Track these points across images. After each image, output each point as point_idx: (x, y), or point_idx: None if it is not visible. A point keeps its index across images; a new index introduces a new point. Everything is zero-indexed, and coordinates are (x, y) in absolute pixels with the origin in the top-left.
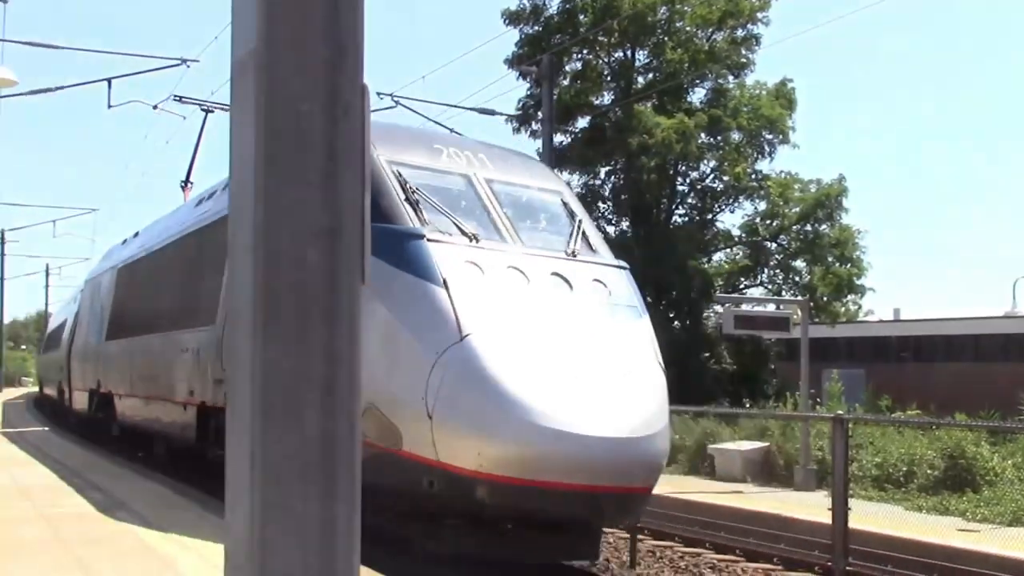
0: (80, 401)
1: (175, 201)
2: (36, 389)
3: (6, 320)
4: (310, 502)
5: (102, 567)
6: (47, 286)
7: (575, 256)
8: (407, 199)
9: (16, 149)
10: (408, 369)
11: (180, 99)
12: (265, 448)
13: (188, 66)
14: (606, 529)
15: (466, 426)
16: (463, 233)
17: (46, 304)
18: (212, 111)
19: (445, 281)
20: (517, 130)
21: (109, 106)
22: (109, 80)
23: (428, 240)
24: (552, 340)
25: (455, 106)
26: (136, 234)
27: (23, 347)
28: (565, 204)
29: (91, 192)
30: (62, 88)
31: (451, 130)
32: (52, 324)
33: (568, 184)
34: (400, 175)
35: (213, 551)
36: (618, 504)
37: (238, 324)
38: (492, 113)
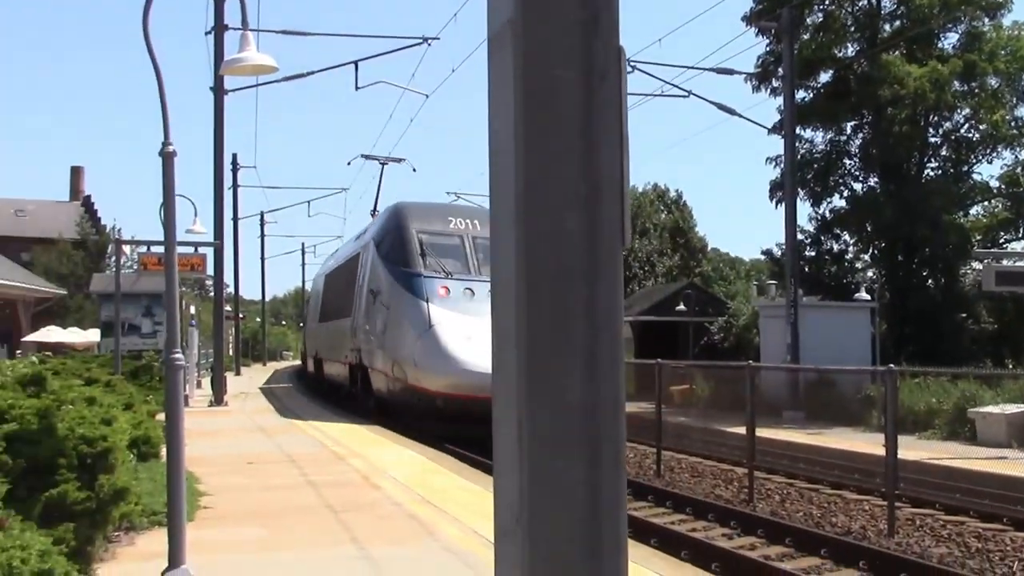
0: (310, 365)
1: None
2: (296, 362)
3: (267, 297)
4: (575, 469)
5: (365, 531)
6: (303, 264)
7: None
8: (420, 252)
9: (271, 131)
10: (407, 343)
11: (366, 157)
12: (532, 416)
13: (429, 44)
14: (863, 496)
15: (430, 370)
16: (444, 271)
17: (302, 281)
18: (387, 164)
19: (427, 298)
20: (756, 88)
21: (357, 87)
22: (356, 63)
23: (423, 276)
24: (475, 325)
25: (692, 67)
26: (336, 250)
27: (283, 323)
28: None
29: (341, 172)
30: (313, 73)
31: (688, 92)
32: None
33: None
34: (420, 239)
35: (471, 515)
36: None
37: (500, 295)
38: (730, 73)
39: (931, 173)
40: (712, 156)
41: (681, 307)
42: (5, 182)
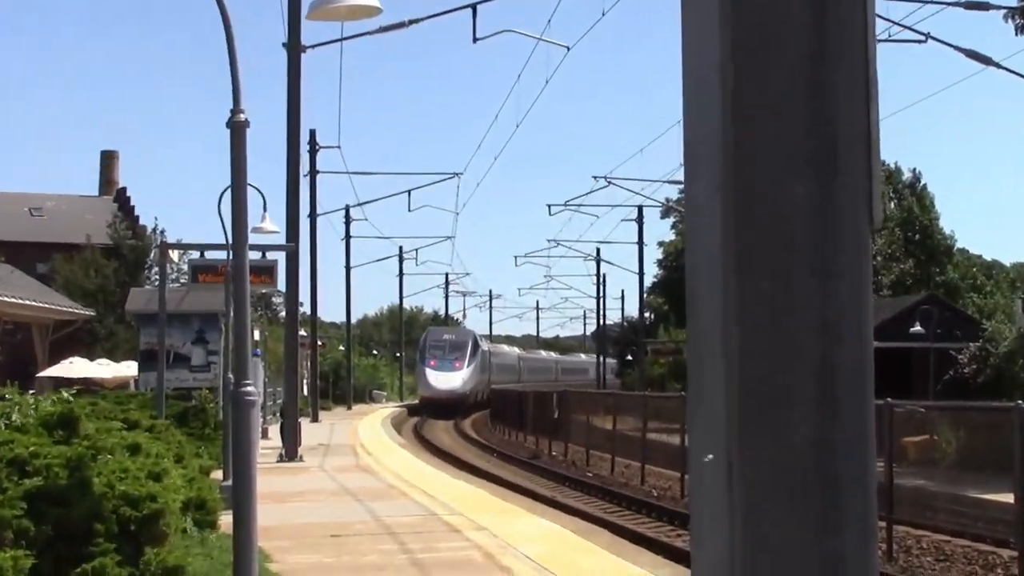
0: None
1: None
2: (396, 406)
3: (354, 318)
4: (806, 533)
5: None
6: (401, 273)
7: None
8: (424, 350)
9: (359, 102)
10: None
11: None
12: (744, 456)
13: None
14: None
15: (420, 387)
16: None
17: (400, 297)
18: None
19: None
20: (1021, 29)
21: (475, 39)
22: (474, 6)
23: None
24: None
25: (940, 2)
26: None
27: (374, 352)
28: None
29: (450, 152)
30: (416, 21)
31: (925, 36)
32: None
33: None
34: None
35: None
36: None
37: (699, 292)
38: (985, 7)
39: None
40: (959, 123)
41: (917, 328)
42: (19, 174)
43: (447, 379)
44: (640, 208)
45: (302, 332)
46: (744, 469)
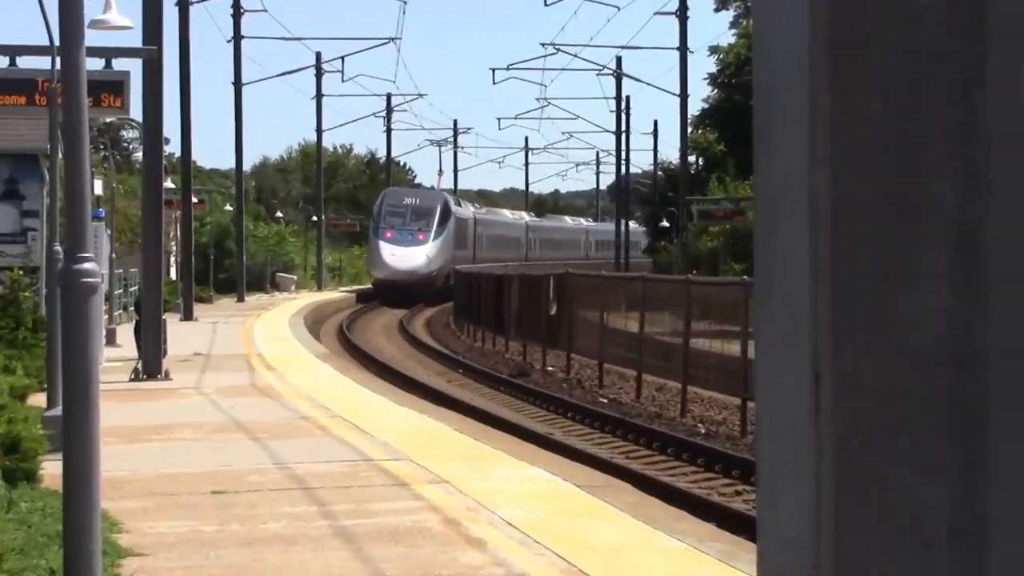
0: None
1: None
2: (306, 299)
3: (249, 164)
4: (932, 479)
5: None
6: (319, 96)
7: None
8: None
9: None
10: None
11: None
12: (840, 366)
13: None
14: None
15: (373, 266)
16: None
17: (318, 130)
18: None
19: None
20: None
21: None
22: None
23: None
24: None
25: None
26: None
27: (279, 216)
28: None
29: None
30: None
31: None
32: None
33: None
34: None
35: None
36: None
37: (775, 119)
38: None
39: None
40: None
41: None
42: None
43: (407, 256)
44: None
45: (168, 184)
46: (841, 386)
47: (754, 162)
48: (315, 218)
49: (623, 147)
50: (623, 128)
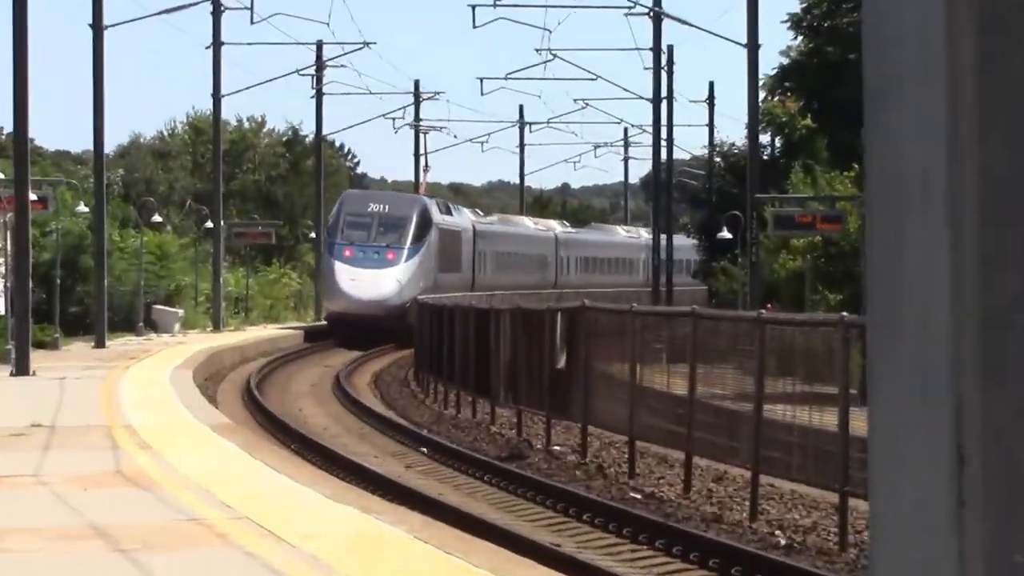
0: None
1: None
2: (202, 343)
3: (117, 140)
4: None
5: None
6: (217, 43)
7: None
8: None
9: None
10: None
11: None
12: (997, 448)
13: None
14: None
15: (327, 295)
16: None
17: (215, 98)
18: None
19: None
20: None
21: None
22: None
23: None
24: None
25: None
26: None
27: (156, 221)
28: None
29: None
30: None
31: None
32: None
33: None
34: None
35: None
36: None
37: (895, 87)
38: None
39: None
40: None
41: None
42: None
43: (372, 281)
44: None
45: None
46: (996, 472)
47: (864, 142)
48: (210, 224)
49: (663, 121)
50: (663, 93)
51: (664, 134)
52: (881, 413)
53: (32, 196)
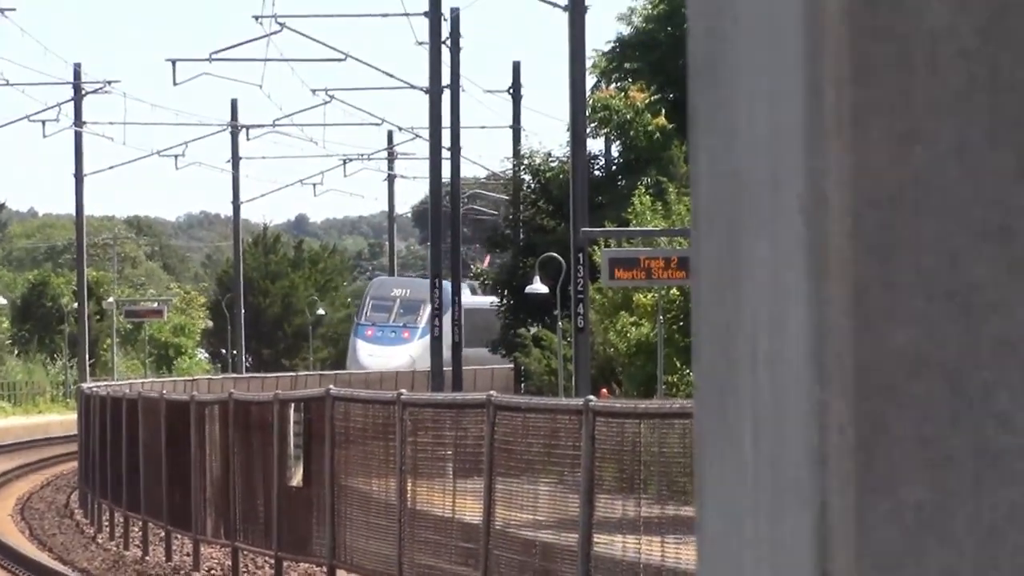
0: None
1: None
2: None
3: None
4: None
5: None
6: None
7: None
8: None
9: None
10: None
11: None
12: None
13: None
14: None
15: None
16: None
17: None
18: None
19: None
20: None
21: None
22: None
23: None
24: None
25: None
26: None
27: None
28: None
29: None
30: None
31: None
32: None
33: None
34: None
35: None
36: None
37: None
38: None
39: None
40: None
41: None
42: None
43: (387, 356)
44: None
45: None
46: None
47: (689, 136)
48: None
49: (445, 121)
50: (445, 80)
51: (447, 140)
52: (711, 528)
53: None
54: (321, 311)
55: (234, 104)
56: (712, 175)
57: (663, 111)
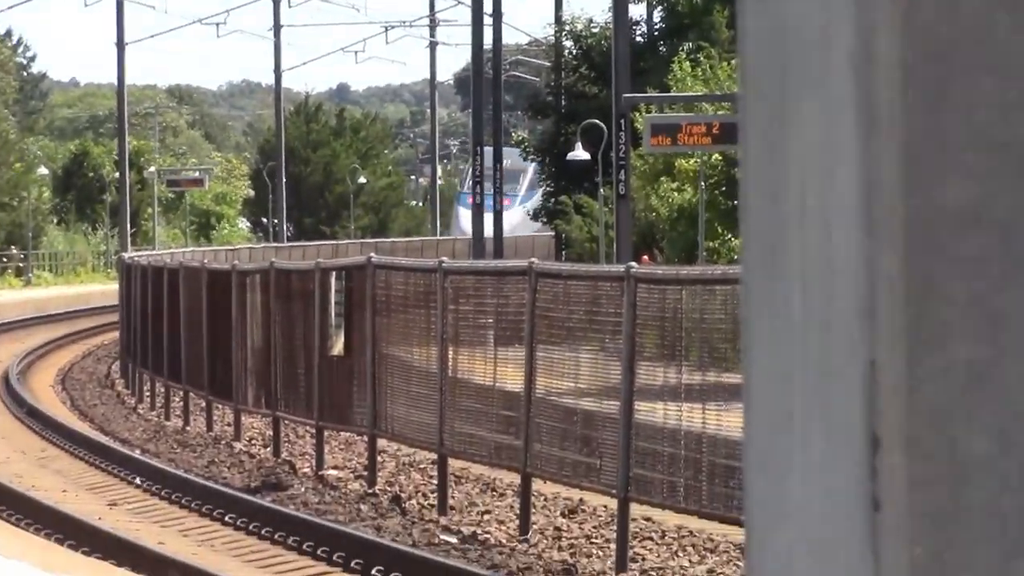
0: None
1: None
2: None
3: None
4: None
5: None
6: None
7: None
8: None
9: None
10: None
11: None
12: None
13: None
14: None
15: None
16: None
17: None
18: None
19: None
20: None
21: None
22: None
23: None
24: None
25: None
26: None
27: None
28: None
29: None
30: None
31: None
32: None
33: None
34: None
35: None
36: None
37: None
38: None
39: None
40: None
41: None
42: None
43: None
44: None
45: None
46: (922, 462)
47: None
48: None
49: None
50: None
51: (489, 5)
52: (761, 388)
53: None
54: (363, 179)
55: None
56: (760, 32)
57: None
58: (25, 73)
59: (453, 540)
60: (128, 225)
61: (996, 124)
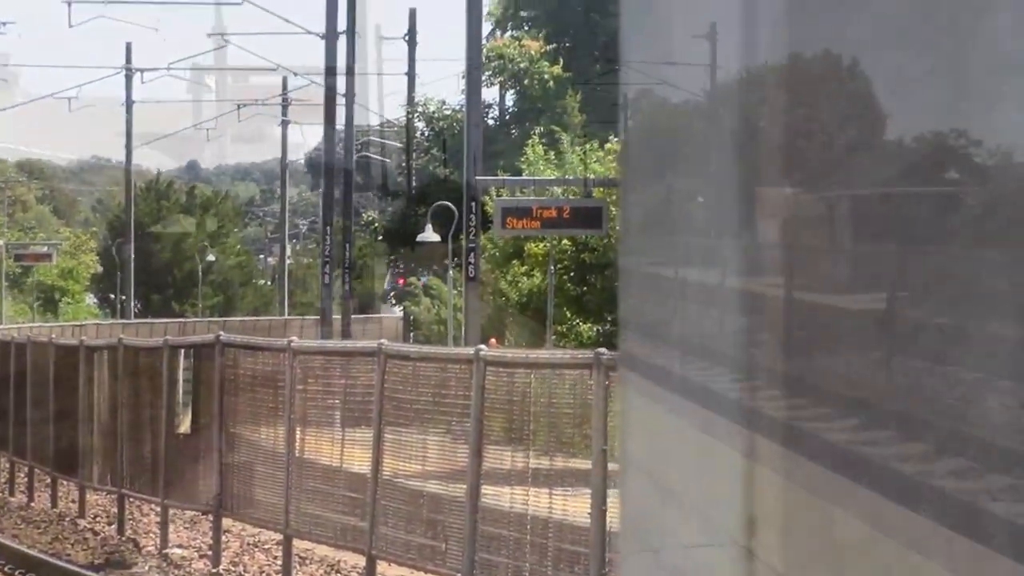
0: None
1: None
2: None
3: None
4: None
5: None
6: None
7: None
8: None
9: None
10: None
11: None
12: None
13: None
14: None
15: None
16: None
17: None
18: None
19: None
20: None
21: None
22: None
23: None
24: None
25: None
26: None
27: None
28: None
29: None
30: None
31: None
32: None
33: None
34: None
35: None
36: None
37: None
38: None
39: None
40: None
41: None
42: None
43: None
44: None
45: None
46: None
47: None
48: None
49: (340, 67)
50: (341, 26)
51: (342, 87)
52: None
53: None
54: (211, 257)
55: (128, 47)
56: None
57: (558, 59)
58: None
59: None
60: None
61: None
